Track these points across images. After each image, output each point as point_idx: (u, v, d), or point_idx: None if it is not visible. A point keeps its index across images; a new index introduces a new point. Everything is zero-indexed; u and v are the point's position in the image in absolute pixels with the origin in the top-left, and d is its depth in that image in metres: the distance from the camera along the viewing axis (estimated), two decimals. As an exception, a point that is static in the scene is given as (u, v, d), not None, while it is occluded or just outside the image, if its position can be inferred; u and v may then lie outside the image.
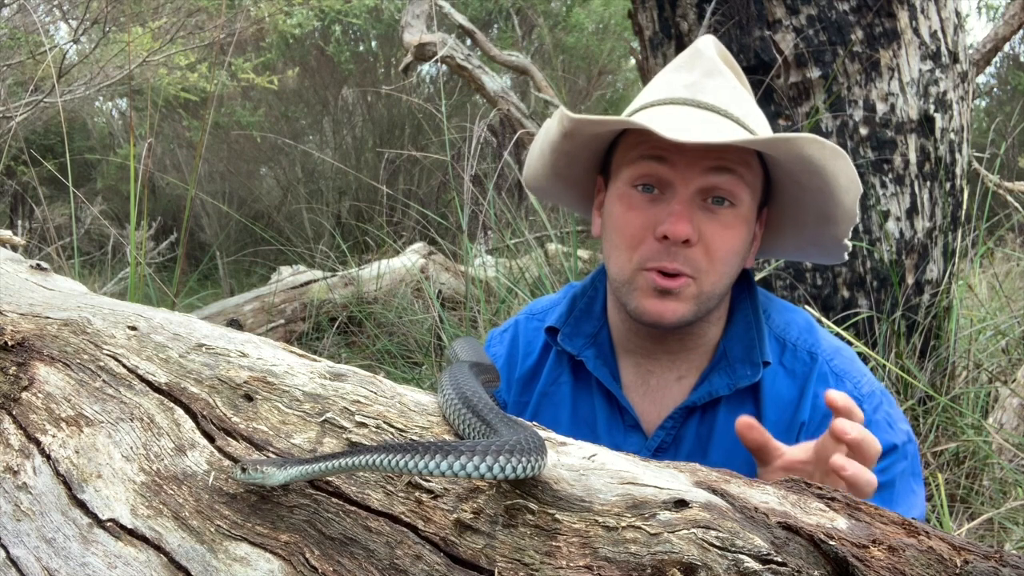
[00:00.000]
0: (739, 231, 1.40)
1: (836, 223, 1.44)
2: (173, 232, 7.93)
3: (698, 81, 1.44)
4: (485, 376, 1.26)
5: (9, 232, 1.92)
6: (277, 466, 0.95)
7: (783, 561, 0.82)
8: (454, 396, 1.05)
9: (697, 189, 1.37)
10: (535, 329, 1.66)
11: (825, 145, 1.32)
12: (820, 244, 1.52)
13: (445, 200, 8.63)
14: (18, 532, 1.05)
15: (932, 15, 3.11)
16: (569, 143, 1.47)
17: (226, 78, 7.94)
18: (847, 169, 1.34)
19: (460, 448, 0.85)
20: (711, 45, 1.50)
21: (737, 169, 1.37)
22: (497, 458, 0.84)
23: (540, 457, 0.88)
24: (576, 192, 1.63)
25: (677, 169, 1.37)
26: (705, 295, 1.41)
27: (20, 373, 1.19)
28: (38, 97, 4.52)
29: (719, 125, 1.39)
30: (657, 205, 1.39)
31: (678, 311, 1.40)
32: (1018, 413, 3.18)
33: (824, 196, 1.39)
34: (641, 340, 1.53)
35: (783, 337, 1.52)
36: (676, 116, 1.40)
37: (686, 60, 1.50)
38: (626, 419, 1.53)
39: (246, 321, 5.02)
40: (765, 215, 1.51)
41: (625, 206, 1.43)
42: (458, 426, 1.03)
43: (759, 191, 1.44)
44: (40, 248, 5.33)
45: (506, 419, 0.97)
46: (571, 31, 9.75)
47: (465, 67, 5.87)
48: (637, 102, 1.52)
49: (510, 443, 0.86)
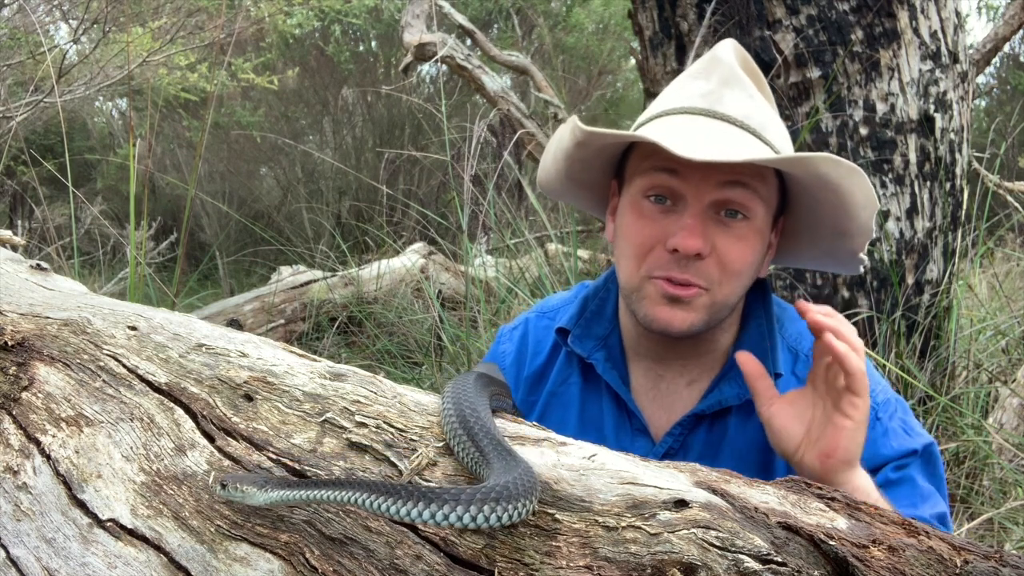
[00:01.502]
0: (752, 243, 1.39)
1: (852, 237, 1.43)
2: (173, 232, 7.93)
3: (715, 90, 1.42)
4: (493, 389, 1.24)
5: (9, 232, 1.92)
6: (258, 487, 0.93)
7: (783, 561, 0.82)
8: (452, 413, 1.04)
9: (710, 202, 1.36)
10: (545, 328, 1.65)
11: (841, 164, 1.30)
12: (835, 256, 1.51)
13: (445, 200, 8.63)
14: (18, 532, 1.05)
15: (932, 15, 3.11)
16: (582, 151, 1.46)
17: (226, 78, 7.94)
18: (863, 186, 1.33)
19: (443, 496, 0.84)
20: (730, 51, 1.46)
21: (751, 183, 1.36)
22: (481, 507, 0.83)
23: (526, 501, 0.86)
24: (591, 195, 1.62)
25: (690, 182, 1.36)
26: (718, 305, 1.40)
27: (20, 373, 1.19)
28: (38, 97, 4.52)
29: (735, 138, 1.37)
30: (669, 216, 1.38)
31: (688, 319, 1.39)
32: (1018, 413, 3.18)
33: (839, 211, 1.38)
34: (652, 344, 1.52)
35: (796, 347, 1.51)
36: (690, 128, 1.39)
37: (704, 67, 1.46)
38: (634, 423, 1.52)
39: (246, 321, 5.02)
40: (781, 224, 1.50)
41: (636, 215, 1.41)
42: (453, 447, 1.02)
43: (774, 202, 1.43)
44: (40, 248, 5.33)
45: (499, 449, 0.95)
46: (571, 31, 9.75)
47: (465, 67, 5.87)
48: (652, 109, 1.49)
49: (496, 490, 0.84)
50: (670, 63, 3.30)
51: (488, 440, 0.97)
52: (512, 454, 0.95)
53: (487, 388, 1.20)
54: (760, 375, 1.32)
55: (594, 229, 5.61)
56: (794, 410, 1.29)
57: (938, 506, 1.37)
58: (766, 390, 1.31)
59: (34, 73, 5.42)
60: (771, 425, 1.30)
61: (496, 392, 1.26)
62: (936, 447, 1.45)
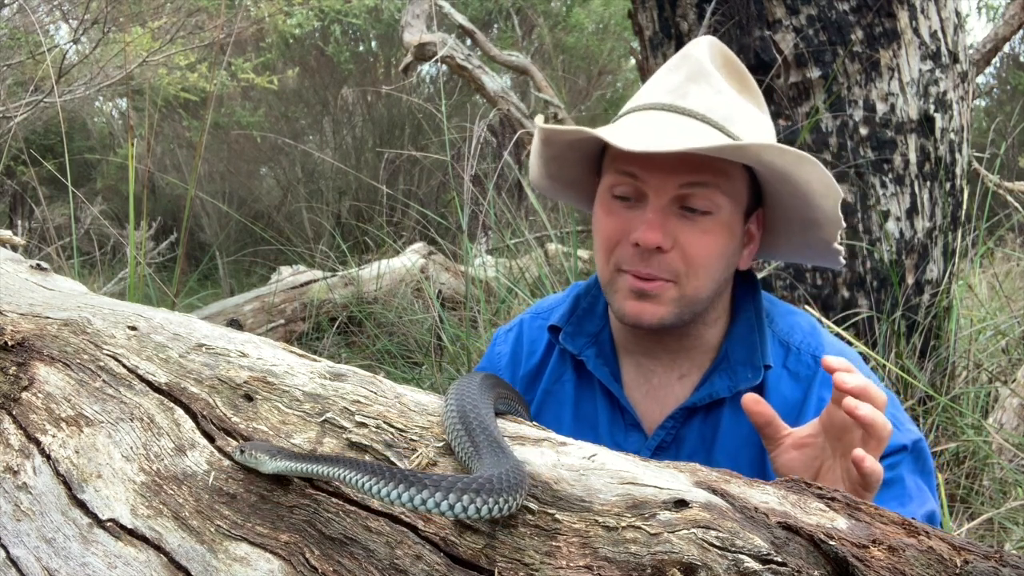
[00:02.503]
0: (718, 236, 1.41)
1: (820, 227, 1.45)
2: (173, 232, 7.92)
3: (680, 85, 1.44)
4: (500, 391, 1.24)
5: (9, 232, 1.92)
6: (270, 455, 0.98)
7: (783, 561, 0.82)
8: (455, 410, 1.05)
9: (671, 197, 1.39)
10: (539, 328, 1.68)
11: (786, 152, 1.31)
12: (813, 247, 1.52)
13: (445, 200, 8.63)
14: (18, 532, 1.05)
15: (932, 15, 3.11)
16: (551, 150, 1.52)
17: (226, 78, 7.94)
18: (819, 175, 1.34)
19: (424, 481, 0.84)
20: (704, 47, 1.49)
21: (711, 179, 1.37)
22: (460, 497, 0.83)
23: (508, 497, 0.86)
24: (576, 192, 1.65)
25: (650, 180, 1.39)
26: (688, 299, 1.42)
27: (20, 373, 1.19)
28: (38, 97, 4.52)
29: (693, 131, 1.38)
30: (633, 211, 1.42)
31: (657, 313, 1.42)
32: (1018, 413, 3.17)
33: (800, 201, 1.40)
34: (641, 339, 1.53)
35: (787, 340, 1.52)
36: (649, 124, 1.41)
37: (675, 63, 1.49)
38: (626, 418, 1.53)
39: (246, 321, 5.02)
40: (760, 216, 1.51)
41: (605, 211, 1.46)
42: (452, 444, 1.02)
43: (744, 196, 1.44)
44: (40, 248, 5.33)
45: (494, 445, 0.96)
46: (571, 31, 9.76)
47: (465, 67, 5.87)
48: (625, 106, 1.54)
49: (479, 482, 0.85)
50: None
51: (484, 436, 0.98)
52: (505, 451, 0.95)
53: (493, 389, 1.20)
54: (767, 421, 1.26)
55: (594, 229, 5.60)
56: (803, 457, 1.24)
57: (927, 504, 1.37)
58: (774, 434, 1.27)
59: (34, 73, 5.42)
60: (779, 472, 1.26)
61: (503, 394, 1.26)
62: (925, 443, 1.45)
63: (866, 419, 1.10)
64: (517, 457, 0.95)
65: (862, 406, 1.11)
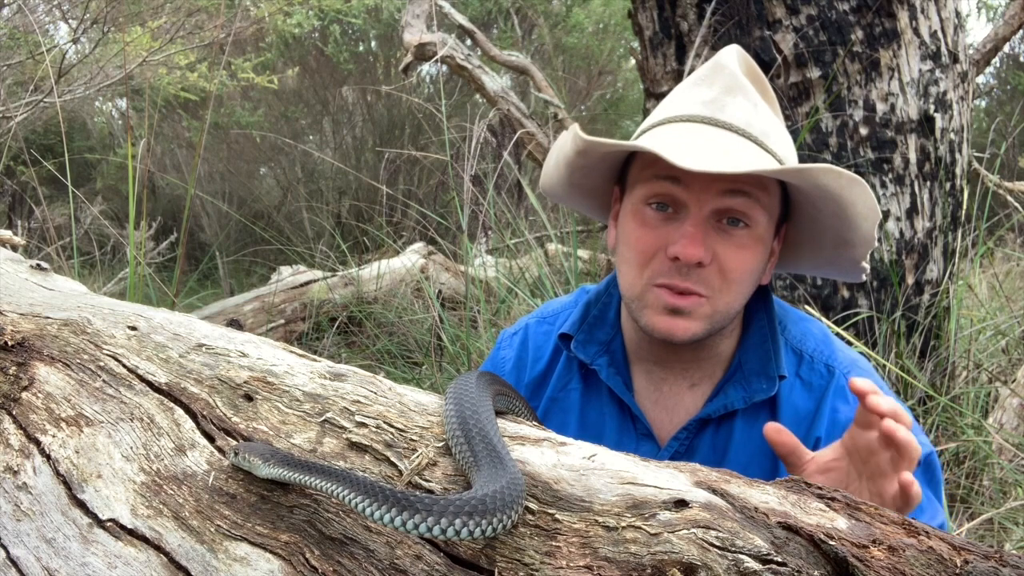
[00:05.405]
0: (754, 251, 1.39)
1: (854, 246, 1.43)
2: (173, 232, 7.91)
3: (718, 98, 1.41)
4: (498, 388, 1.23)
5: (9, 232, 1.91)
6: (263, 460, 0.98)
7: (783, 561, 0.82)
8: (453, 414, 1.04)
9: (711, 211, 1.36)
10: (545, 333, 1.65)
11: (842, 175, 1.30)
12: (837, 264, 1.51)
13: (445, 200, 8.62)
14: (18, 532, 1.05)
15: (932, 15, 3.11)
16: (583, 159, 1.47)
17: (226, 78, 7.93)
18: (865, 197, 1.33)
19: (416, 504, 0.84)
20: (734, 57, 1.46)
21: (753, 192, 1.35)
22: (453, 520, 0.83)
23: (503, 516, 0.86)
24: (593, 201, 1.62)
25: (691, 190, 1.35)
26: (719, 314, 1.40)
27: (20, 373, 1.19)
28: (38, 97, 4.52)
29: (736, 146, 1.37)
30: (670, 224, 1.38)
31: (690, 328, 1.39)
32: (1018, 413, 3.17)
33: (841, 221, 1.38)
34: (654, 349, 1.51)
35: (800, 349, 1.50)
36: (692, 137, 1.38)
37: (707, 74, 1.46)
38: (638, 427, 1.52)
39: (246, 321, 5.02)
40: (784, 231, 1.50)
41: (638, 223, 1.41)
42: (452, 447, 1.02)
43: (776, 211, 1.43)
44: (40, 248, 5.32)
45: (492, 455, 0.95)
46: (571, 31, 9.75)
47: (465, 67, 5.86)
48: (655, 116, 1.49)
49: (471, 503, 0.84)
50: (670, 63, 3.30)
51: (483, 445, 0.97)
52: (503, 461, 0.94)
53: (491, 388, 1.19)
54: (791, 450, 1.25)
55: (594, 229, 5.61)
56: (829, 482, 1.21)
57: (938, 516, 1.37)
58: (797, 461, 1.25)
59: (34, 73, 5.41)
60: None
61: (502, 392, 1.25)
62: (935, 455, 1.44)
63: (904, 441, 1.10)
64: (515, 468, 0.94)
65: (901, 429, 1.10)
